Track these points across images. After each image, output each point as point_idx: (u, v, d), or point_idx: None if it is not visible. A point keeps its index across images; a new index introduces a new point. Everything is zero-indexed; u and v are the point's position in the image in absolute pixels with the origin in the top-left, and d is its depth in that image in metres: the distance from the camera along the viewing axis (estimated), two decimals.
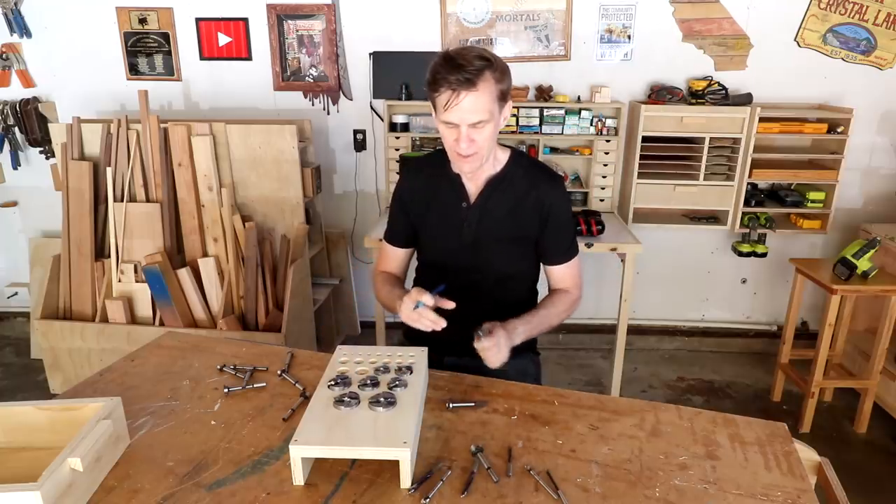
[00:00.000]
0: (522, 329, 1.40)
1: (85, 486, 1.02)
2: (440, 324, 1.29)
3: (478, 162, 1.40)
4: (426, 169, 1.59)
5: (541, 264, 1.62)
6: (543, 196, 1.48)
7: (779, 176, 3.03)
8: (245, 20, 3.10)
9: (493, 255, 1.52)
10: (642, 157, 3.01)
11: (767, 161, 2.97)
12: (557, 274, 1.56)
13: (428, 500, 1.00)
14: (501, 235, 1.51)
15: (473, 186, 1.50)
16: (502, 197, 1.49)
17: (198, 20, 3.11)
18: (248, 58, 3.16)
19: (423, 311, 1.30)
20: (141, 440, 1.18)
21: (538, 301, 1.65)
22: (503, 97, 1.36)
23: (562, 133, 3.07)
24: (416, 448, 1.09)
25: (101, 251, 2.90)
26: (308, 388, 1.32)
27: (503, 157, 1.51)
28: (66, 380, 2.92)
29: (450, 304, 1.33)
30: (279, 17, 3.08)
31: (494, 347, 1.30)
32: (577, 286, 1.57)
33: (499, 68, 1.33)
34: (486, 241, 1.51)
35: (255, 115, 3.21)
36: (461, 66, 1.27)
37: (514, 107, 2.98)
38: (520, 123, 3.05)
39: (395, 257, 1.66)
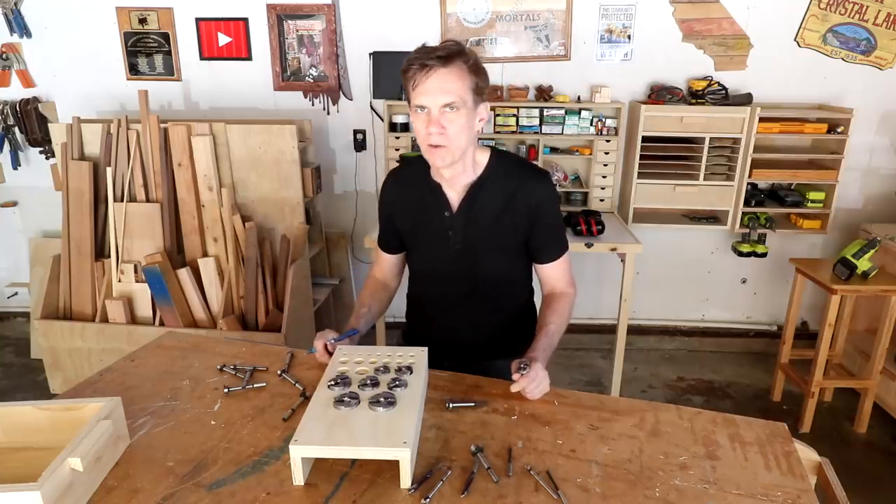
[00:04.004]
0: (544, 354, 1.38)
1: (85, 486, 1.02)
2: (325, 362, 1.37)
3: (449, 157, 1.33)
4: (407, 178, 1.55)
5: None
6: (529, 195, 1.43)
7: (779, 176, 3.03)
8: (245, 20, 3.10)
9: (484, 261, 1.48)
10: (642, 157, 3.01)
11: (767, 161, 2.97)
12: (550, 273, 1.52)
13: (428, 500, 1.00)
14: (490, 241, 1.46)
15: (454, 194, 1.45)
16: (486, 202, 1.44)
17: (198, 20, 3.11)
18: (248, 58, 3.16)
19: (316, 355, 1.42)
20: (141, 440, 1.18)
21: (535, 305, 1.65)
22: (478, 91, 1.33)
23: (562, 133, 3.07)
24: (416, 448, 1.09)
25: (101, 251, 2.90)
26: (308, 388, 1.32)
27: (483, 159, 1.45)
28: (66, 380, 2.92)
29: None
30: (279, 17, 3.08)
31: (533, 382, 1.28)
32: (570, 284, 1.54)
33: (472, 59, 1.32)
34: (475, 248, 1.46)
35: (255, 115, 3.21)
36: (433, 49, 1.29)
37: (513, 107, 3.02)
38: (520, 123, 3.05)
39: (388, 263, 1.65)
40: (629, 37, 3.05)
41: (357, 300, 1.66)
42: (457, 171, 1.41)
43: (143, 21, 3.13)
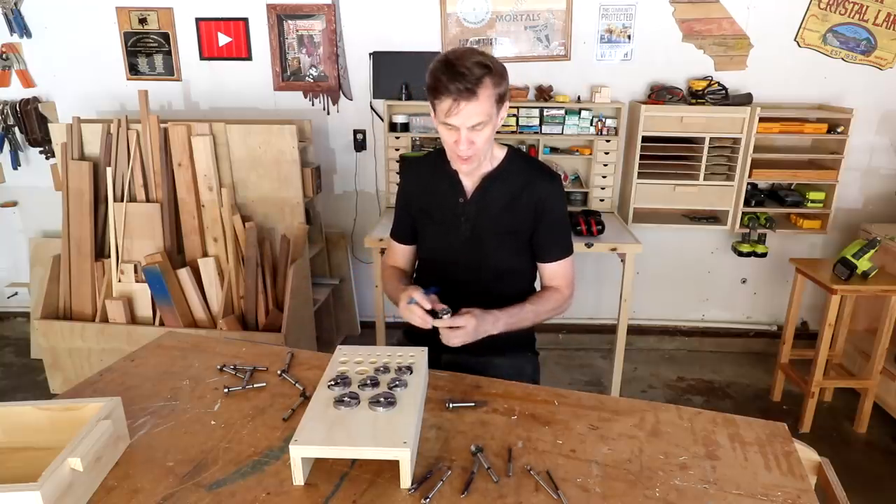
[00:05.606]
0: (505, 321, 1.43)
1: (85, 486, 1.02)
2: (428, 323, 1.35)
3: (475, 162, 1.44)
4: (425, 166, 1.63)
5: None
6: (538, 191, 1.51)
7: (779, 176, 3.03)
8: (245, 20, 3.10)
9: (491, 250, 1.54)
10: (642, 157, 3.00)
11: (767, 161, 2.97)
12: (550, 271, 1.58)
13: (428, 500, 1.00)
14: (498, 230, 1.53)
15: (470, 182, 1.54)
16: (498, 192, 1.52)
17: (198, 20, 3.11)
18: (248, 58, 3.16)
19: (414, 307, 1.37)
20: (141, 440, 1.18)
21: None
22: (501, 99, 1.40)
23: (562, 133, 3.07)
24: (416, 448, 1.09)
25: (101, 251, 2.90)
26: (308, 388, 1.32)
27: (500, 154, 1.54)
28: (66, 380, 2.92)
29: (440, 307, 1.37)
30: (279, 17, 3.08)
31: (456, 330, 1.33)
32: (568, 285, 1.59)
33: (497, 73, 1.36)
34: (483, 236, 1.53)
35: (255, 115, 3.21)
36: (462, 74, 1.30)
37: (513, 107, 3.02)
38: (520, 123, 3.05)
39: (401, 254, 1.70)
40: (629, 37, 3.05)
41: (388, 283, 1.64)
42: (477, 167, 1.50)
43: (143, 21, 3.13)
